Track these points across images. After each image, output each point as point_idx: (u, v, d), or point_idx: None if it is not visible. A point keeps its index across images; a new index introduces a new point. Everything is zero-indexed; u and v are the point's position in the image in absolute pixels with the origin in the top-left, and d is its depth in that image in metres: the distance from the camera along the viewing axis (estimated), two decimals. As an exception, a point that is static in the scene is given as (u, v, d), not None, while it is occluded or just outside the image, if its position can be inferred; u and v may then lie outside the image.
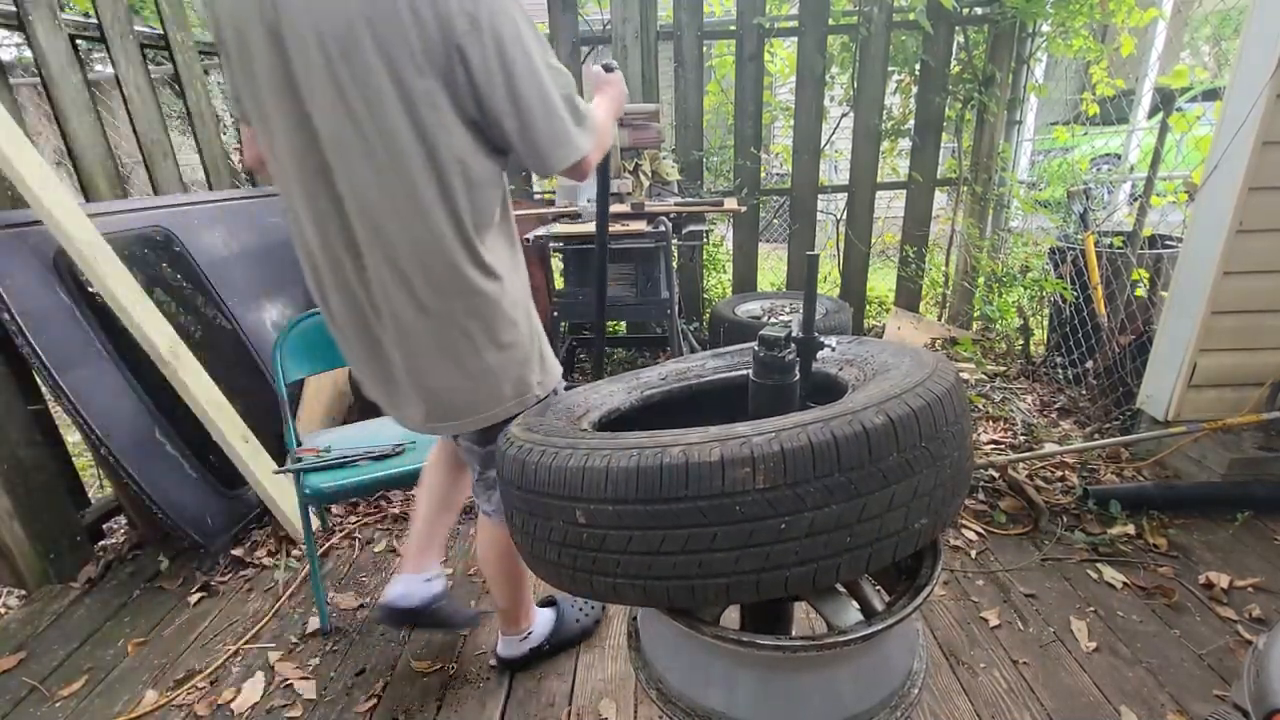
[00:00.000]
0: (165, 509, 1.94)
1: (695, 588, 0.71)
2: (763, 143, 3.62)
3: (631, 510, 0.70)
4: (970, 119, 3.48)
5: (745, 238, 3.67)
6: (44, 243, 1.90)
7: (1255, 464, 2.11)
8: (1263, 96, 1.87)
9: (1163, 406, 2.27)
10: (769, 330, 0.90)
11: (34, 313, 1.81)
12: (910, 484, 0.70)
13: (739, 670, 0.82)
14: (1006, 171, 3.55)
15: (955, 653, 1.61)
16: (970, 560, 1.94)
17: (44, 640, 1.80)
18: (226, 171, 2.83)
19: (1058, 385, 2.96)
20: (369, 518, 2.32)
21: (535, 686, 1.58)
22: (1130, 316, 2.60)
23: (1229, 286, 2.08)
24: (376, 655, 1.70)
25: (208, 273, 2.36)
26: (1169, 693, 1.47)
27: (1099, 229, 3.08)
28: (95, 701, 1.59)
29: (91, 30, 2.24)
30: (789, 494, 0.66)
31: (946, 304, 3.88)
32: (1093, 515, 2.07)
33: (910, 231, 3.66)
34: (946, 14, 3.13)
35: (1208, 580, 1.78)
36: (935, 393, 0.74)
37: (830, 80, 3.50)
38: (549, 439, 0.82)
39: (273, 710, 1.55)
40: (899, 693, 0.85)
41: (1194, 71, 2.95)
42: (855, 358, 1.00)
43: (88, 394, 1.86)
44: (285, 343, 1.80)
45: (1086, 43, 3.17)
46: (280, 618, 1.86)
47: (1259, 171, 1.95)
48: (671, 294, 2.71)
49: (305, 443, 1.84)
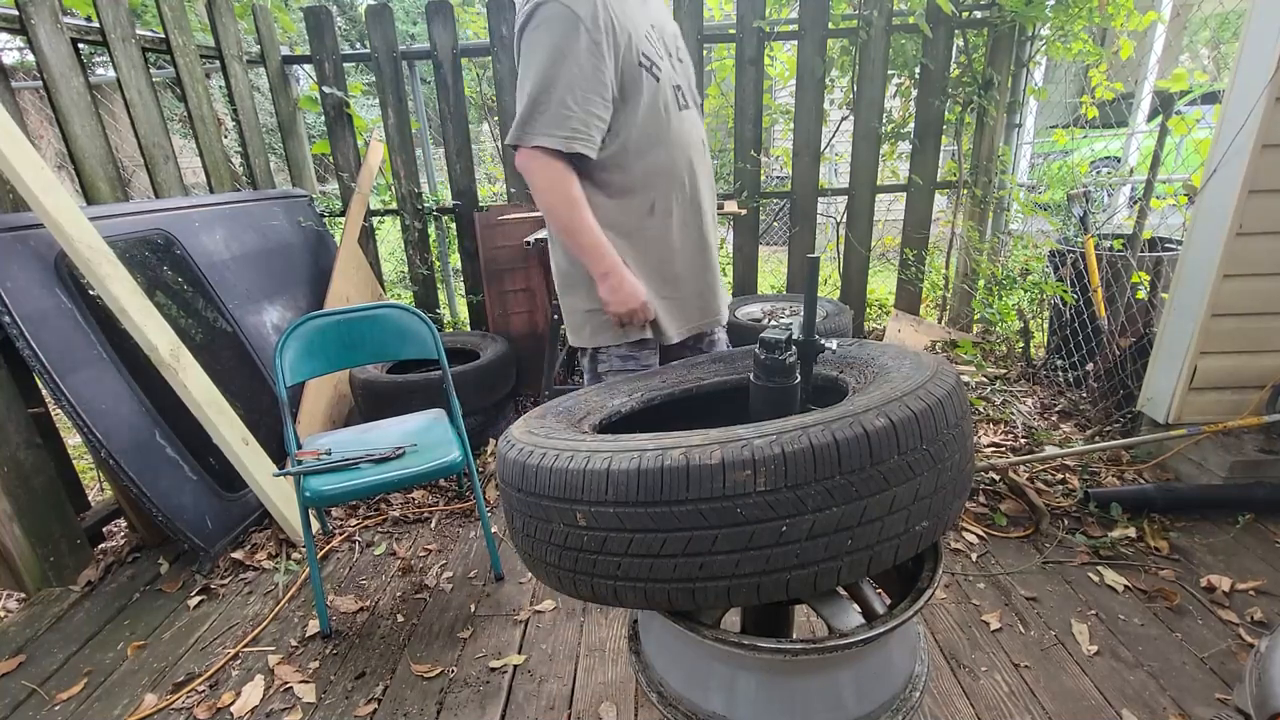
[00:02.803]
0: (165, 512, 1.94)
1: (696, 590, 0.71)
2: (763, 146, 3.63)
3: (632, 513, 0.70)
4: (970, 122, 3.49)
5: (745, 240, 3.67)
6: (45, 246, 1.90)
7: (1256, 466, 2.10)
8: (1262, 99, 1.88)
9: (1163, 409, 2.27)
10: (770, 333, 0.90)
11: (35, 315, 1.81)
12: (911, 487, 0.70)
13: (740, 673, 0.82)
14: (1006, 174, 3.55)
15: (956, 656, 1.61)
16: (971, 563, 1.94)
17: (43, 643, 1.80)
18: (227, 174, 2.84)
19: (1058, 388, 2.95)
20: (369, 520, 2.32)
21: (535, 689, 1.57)
22: (1130, 319, 2.60)
23: (1229, 289, 2.08)
24: (376, 658, 1.70)
25: (208, 275, 2.36)
26: (1170, 696, 1.47)
27: (1099, 232, 3.08)
28: (94, 705, 1.59)
29: (93, 34, 2.25)
30: (790, 496, 0.66)
31: (947, 307, 3.88)
32: (1094, 518, 2.07)
33: (910, 234, 3.66)
34: (946, 17, 3.14)
35: (1209, 583, 1.78)
36: (936, 395, 0.74)
37: (830, 83, 3.50)
38: (550, 441, 0.82)
39: (272, 713, 1.55)
40: (900, 696, 0.85)
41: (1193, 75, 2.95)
42: (856, 360, 1.00)
43: (88, 397, 1.86)
44: (285, 345, 1.81)
45: (1086, 46, 3.18)
46: (280, 621, 1.86)
47: (1258, 174, 1.95)
48: (672, 297, 2.71)
49: (305, 445, 1.84)
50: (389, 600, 1.92)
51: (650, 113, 1.35)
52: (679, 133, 1.42)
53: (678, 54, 1.47)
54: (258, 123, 3.04)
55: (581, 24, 1.22)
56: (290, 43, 3.67)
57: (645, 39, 1.32)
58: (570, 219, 1.32)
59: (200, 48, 2.67)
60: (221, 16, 2.78)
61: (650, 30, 1.36)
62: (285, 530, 2.16)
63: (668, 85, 1.38)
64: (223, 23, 2.79)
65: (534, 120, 1.26)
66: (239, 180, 3.07)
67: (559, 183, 1.30)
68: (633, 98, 1.32)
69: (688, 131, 1.45)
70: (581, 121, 1.27)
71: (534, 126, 1.26)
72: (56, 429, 2.12)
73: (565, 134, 1.26)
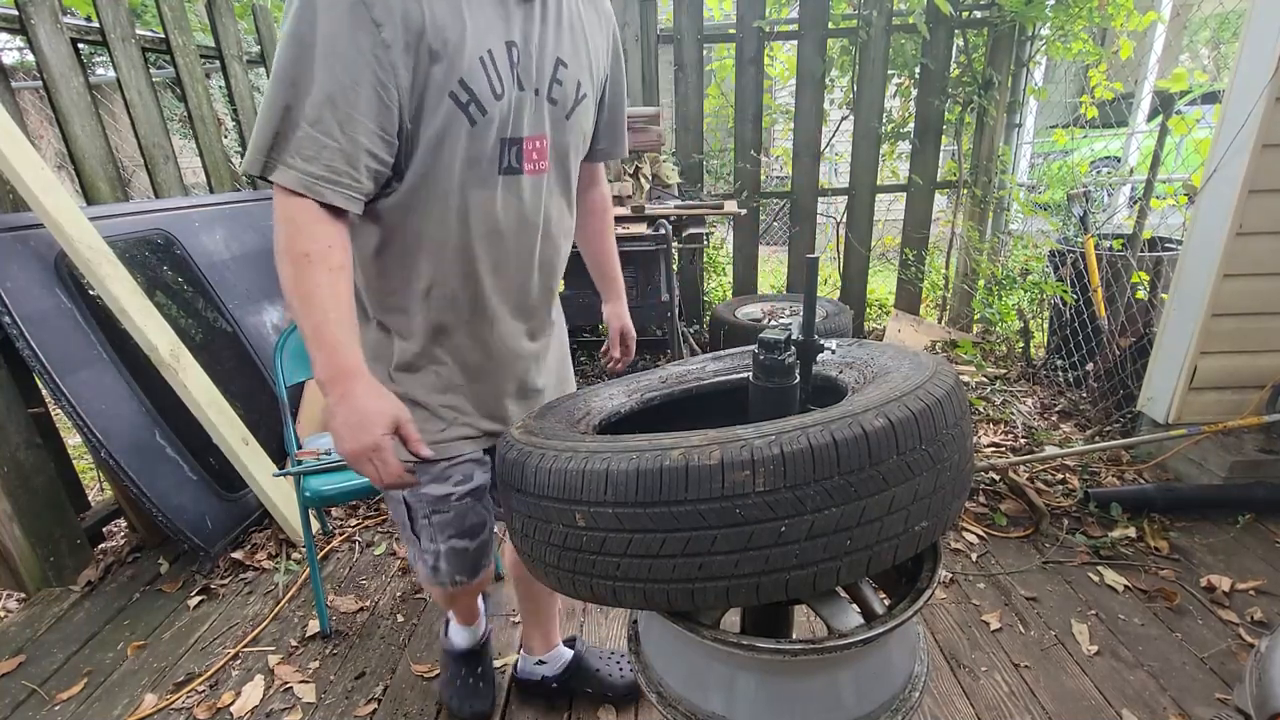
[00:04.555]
0: (165, 512, 1.94)
1: (695, 591, 0.71)
2: (763, 146, 3.63)
3: (631, 513, 0.70)
4: (970, 122, 3.49)
5: (745, 240, 3.67)
6: (45, 246, 1.90)
7: (1256, 466, 2.10)
8: (1262, 99, 1.87)
9: (1163, 409, 2.27)
10: (769, 333, 0.89)
11: (35, 315, 1.81)
12: (910, 487, 0.70)
13: (739, 673, 0.82)
14: (1006, 174, 3.55)
15: (956, 656, 1.61)
16: (971, 563, 1.94)
17: (43, 644, 1.80)
18: (227, 174, 2.84)
19: (1058, 388, 2.95)
20: (369, 521, 2.32)
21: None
22: (1130, 319, 2.60)
23: (1229, 289, 2.08)
24: (376, 659, 1.70)
25: (208, 275, 2.36)
26: (1170, 696, 1.47)
27: (1099, 231, 3.08)
28: (94, 705, 1.59)
29: (93, 34, 2.25)
30: (789, 497, 0.66)
31: (946, 306, 3.88)
32: (1094, 518, 2.07)
33: (910, 234, 3.66)
34: (945, 17, 3.13)
35: (1209, 583, 1.78)
36: (935, 395, 0.74)
37: (830, 83, 3.51)
38: (548, 442, 0.82)
39: (272, 714, 1.55)
40: (900, 696, 0.85)
41: (1193, 74, 2.95)
42: (855, 360, 1.00)
43: (88, 397, 1.86)
44: (285, 345, 1.80)
45: (1086, 46, 3.18)
46: (280, 621, 1.86)
47: (1258, 174, 1.95)
48: (672, 297, 2.71)
49: (305, 445, 1.84)
50: (389, 600, 1.92)
51: (445, 172, 0.93)
52: (488, 210, 0.98)
53: (570, 97, 1.02)
54: (258, 123, 3.04)
55: (361, 3, 0.81)
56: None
57: (480, 63, 0.89)
58: (297, 280, 0.85)
59: (200, 48, 2.67)
60: (221, 16, 2.78)
61: (503, 53, 0.91)
62: (285, 530, 2.16)
63: (493, 136, 0.94)
64: (223, 23, 2.79)
65: (278, 142, 0.83)
66: (239, 180, 3.07)
67: (297, 231, 0.85)
68: (427, 139, 0.90)
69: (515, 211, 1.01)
70: (344, 155, 0.84)
71: (277, 151, 0.83)
72: (56, 429, 2.12)
73: (316, 170, 0.84)
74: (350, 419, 0.86)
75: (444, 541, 1.15)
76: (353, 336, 0.88)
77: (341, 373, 0.86)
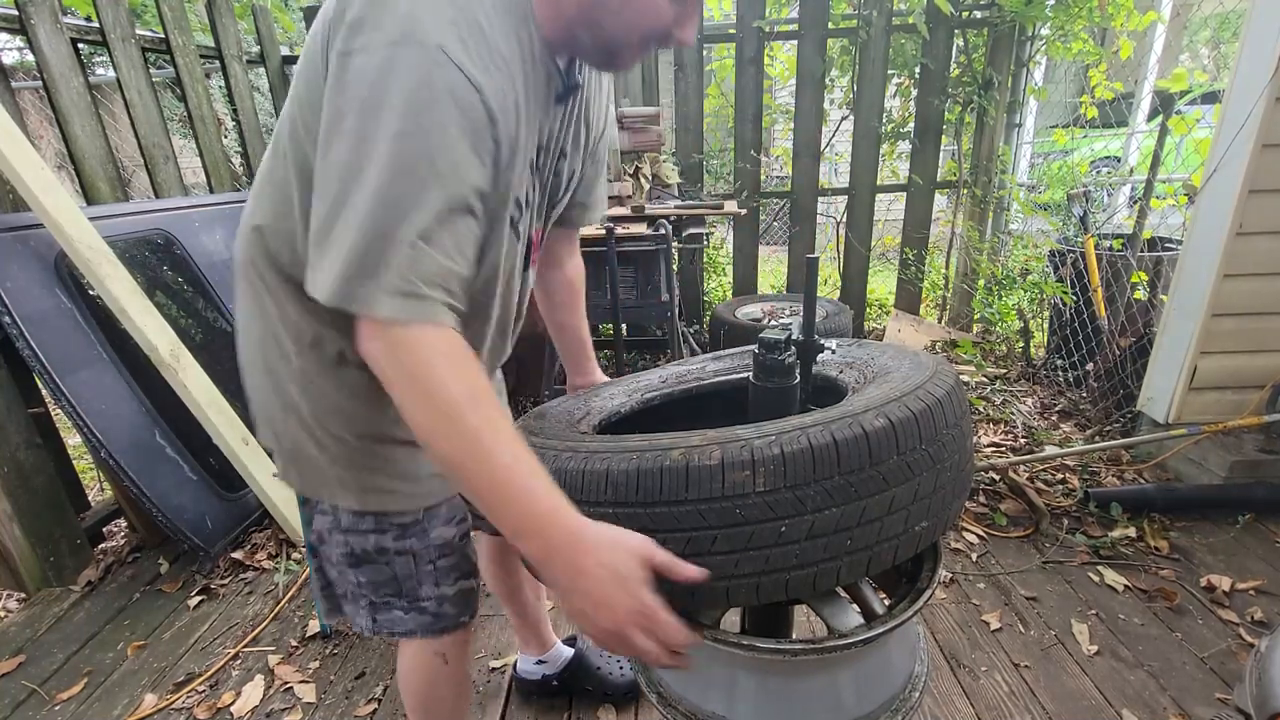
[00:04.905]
0: (165, 512, 1.94)
1: (695, 591, 0.71)
2: (763, 145, 3.63)
3: (631, 513, 0.70)
4: (970, 122, 3.49)
5: (745, 240, 3.67)
6: (45, 246, 1.90)
7: (1256, 466, 2.10)
8: (1262, 99, 1.87)
9: (1163, 409, 2.27)
10: (769, 333, 0.89)
11: (35, 316, 1.81)
12: (910, 487, 0.70)
13: (739, 673, 0.82)
14: (1006, 174, 3.55)
15: (956, 656, 1.61)
16: (971, 563, 1.94)
17: (43, 644, 1.80)
18: (227, 174, 2.84)
19: (1058, 388, 2.95)
20: (369, 521, 2.32)
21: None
22: (1130, 319, 2.60)
23: (1229, 289, 2.08)
24: (376, 658, 1.70)
25: (208, 275, 2.36)
26: (1170, 696, 1.47)
27: (1099, 231, 3.08)
28: (94, 705, 1.59)
29: (93, 34, 2.25)
30: (789, 497, 0.66)
31: (946, 306, 3.88)
32: (1094, 518, 2.07)
33: (910, 234, 3.66)
34: (945, 17, 3.13)
35: (1209, 583, 1.78)
36: (935, 395, 0.74)
37: (830, 83, 3.50)
38: (548, 441, 0.82)
39: (272, 714, 1.55)
40: (900, 696, 0.85)
41: (1193, 74, 2.95)
42: (855, 360, 1.00)
43: (88, 397, 1.86)
44: (285, 345, 1.80)
45: (1086, 46, 3.18)
46: (280, 621, 1.86)
47: (1259, 174, 1.95)
48: (672, 297, 2.71)
49: (305, 445, 1.83)
50: (389, 600, 1.92)
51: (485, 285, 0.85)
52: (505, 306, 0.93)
53: (562, 187, 0.96)
54: (258, 123, 3.04)
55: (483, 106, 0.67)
56: (290, 43, 3.67)
57: (528, 168, 0.81)
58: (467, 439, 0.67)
59: (200, 48, 2.67)
60: (221, 16, 2.78)
61: (539, 152, 0.83)
62: (285, 530, 2.16)
63: (523, 245, 0.89)
64: (223, 23, 2.79)
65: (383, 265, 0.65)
66: (239, 180, 3.07)
67: (453, 372, 0.68)
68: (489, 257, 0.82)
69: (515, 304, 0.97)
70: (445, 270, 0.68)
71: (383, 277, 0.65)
72: (56, 429, 2.12)
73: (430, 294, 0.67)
74: (594, 588, 0.64)
75: (450, 585, 1.03)
76: (539, 471, 0.68)
77: (548, 527, 0.65)
